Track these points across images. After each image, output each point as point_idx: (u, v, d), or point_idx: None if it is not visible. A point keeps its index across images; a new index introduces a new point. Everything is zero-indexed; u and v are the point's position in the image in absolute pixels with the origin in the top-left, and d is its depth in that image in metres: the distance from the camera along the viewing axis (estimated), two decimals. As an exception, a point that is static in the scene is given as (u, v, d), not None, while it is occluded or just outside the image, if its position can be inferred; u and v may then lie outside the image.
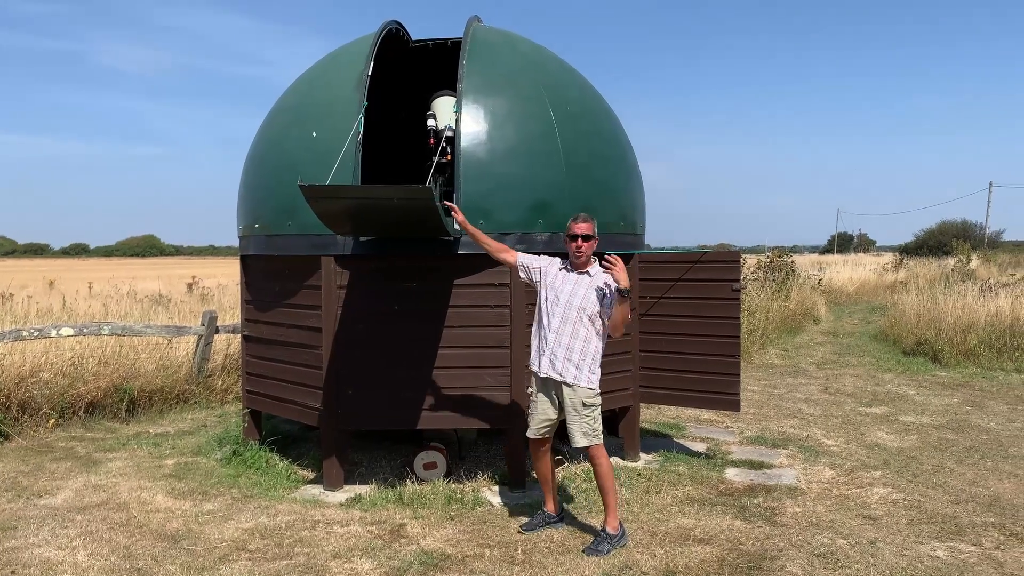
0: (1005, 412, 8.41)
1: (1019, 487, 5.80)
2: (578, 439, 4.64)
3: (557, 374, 4.63)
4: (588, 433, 4.64)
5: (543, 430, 4.80)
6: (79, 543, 4.67)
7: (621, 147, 6.42)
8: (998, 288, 15.14)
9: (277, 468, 6.17)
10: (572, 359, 4.60)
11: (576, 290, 4.64)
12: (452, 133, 5.55)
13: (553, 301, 4.66)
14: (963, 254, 30.24)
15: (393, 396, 5.63)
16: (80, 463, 6.42)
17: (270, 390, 6.22)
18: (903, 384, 10.19)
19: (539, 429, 4.80)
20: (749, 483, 5.90)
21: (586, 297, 4.61)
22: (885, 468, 6.29)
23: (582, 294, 4.62)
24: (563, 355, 4.61)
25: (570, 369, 4.61)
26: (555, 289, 4.68)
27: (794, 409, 8.64)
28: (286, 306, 5.98)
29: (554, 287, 4.69)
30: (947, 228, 59.16)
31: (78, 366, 8.17)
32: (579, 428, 4.63)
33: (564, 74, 6.37)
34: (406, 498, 5.45)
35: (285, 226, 5.71)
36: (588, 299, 4.60)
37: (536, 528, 4.86)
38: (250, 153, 6.39)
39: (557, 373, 4.63)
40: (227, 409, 8.58)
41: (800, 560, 4.47)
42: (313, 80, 6.20)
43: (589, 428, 4.65)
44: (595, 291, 4.60)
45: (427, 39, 6.42)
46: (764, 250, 31.35)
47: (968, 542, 4.74)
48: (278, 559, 4.47)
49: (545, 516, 4.93)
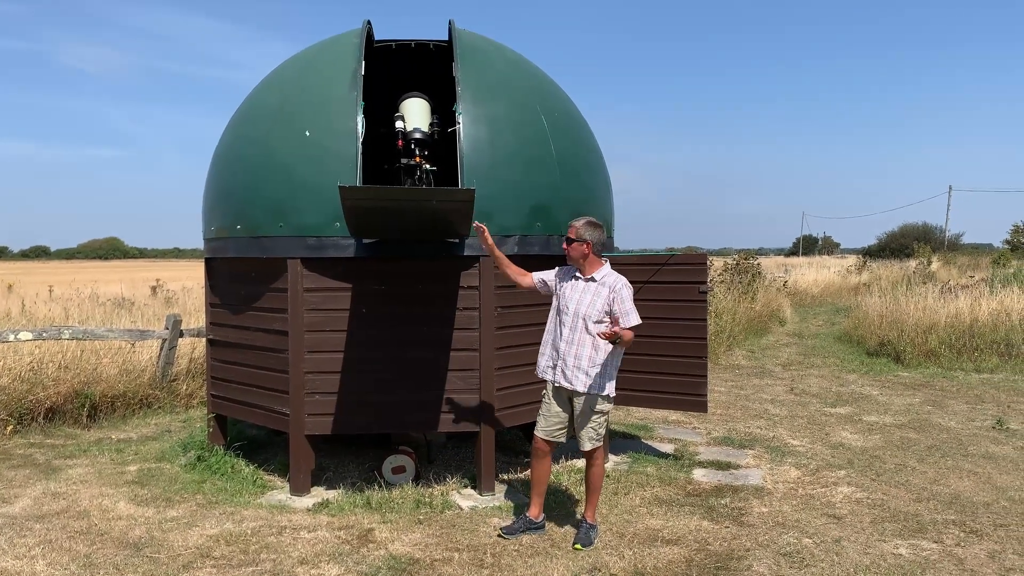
0: (965, 411, 8.58)
1: (978, 485, 5.91)
2: (585, 443, 4.72)
3: (568, 383, 4.65)
4: (594, 438, 4.71)
5: (556, 432, 4.80)
6: (38, 552, 4.56)
7: (598, 154, 6.59)
8: (958, 290, 15.47)
9: (243, 473, 6.08)
10: (581, 367, 4.62)
11: (583, 297, 4.66)
12: (421, 135, 5.53)
13: (563, 310, 4.71)
14: (924, 256, 30.87)
15: (361, 400, 5.58)
16: (39, 470, 6.28)
17: (235, 395, 6.14)
18: (866, 384, 10.35)
19: (551, 431, 4.80)
20: (716, 483, 5.95)
21: (591, 304, 4.62)
22: (849, 467, 6.38)
23: (588, 301, 4.64)
24: (572, 363, 4.63)
25: (580, 377, 4.62)
26: (565, 298, 4.73)
27: (760, 410, 8.74)
28: (252, 309, 5.90)
29: (564, 295, 4.74)
30: (909, 231, 60.32)
31: (37, 371, 8.00)
32: (587, 433, 4.70)
33: (547, 82, 6.45)
34: (374, 503, 5.41)
35: (276, 227, 5.53)
36: (593, 306, 4.62)
37: (517, 532, 4.83)
38: (224, 153, 6.15)
39: (568, 382, 4.65)
40: (192, 414, 8.45)
41: (767, 560, 4.51)
42: (296, 78, 5.99)
43: (595, 433, 4.71)
44: (601, 298, 4.62)
45: (389, 40, 6.38)
46: (731, 252, 31.70)
47: (930, 539, 4.83)
48: (244, 566, 4.40)
49: (527, 521, 4.89)
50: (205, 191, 6.35)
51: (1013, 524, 5.07)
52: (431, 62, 6.72)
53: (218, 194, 6.13)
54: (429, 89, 6.08)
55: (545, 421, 4.81)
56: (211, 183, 6.25)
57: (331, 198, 4.92)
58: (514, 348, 5.73)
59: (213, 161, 6.30)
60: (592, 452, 4.75)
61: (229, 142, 6.17)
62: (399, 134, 5.57)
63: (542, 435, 4.81)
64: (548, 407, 4.81)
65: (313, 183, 5.36)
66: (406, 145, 5.53)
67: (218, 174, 6.16)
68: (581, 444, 4.75)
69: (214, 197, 6.18)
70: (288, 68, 6.25)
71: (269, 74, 6.42)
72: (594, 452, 4.75)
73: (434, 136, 5.66)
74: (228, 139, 6.21)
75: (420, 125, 5.56)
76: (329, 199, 5.09)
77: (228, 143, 6.17)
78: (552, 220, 5.76)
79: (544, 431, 4.81)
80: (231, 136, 6.19)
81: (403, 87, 6.10)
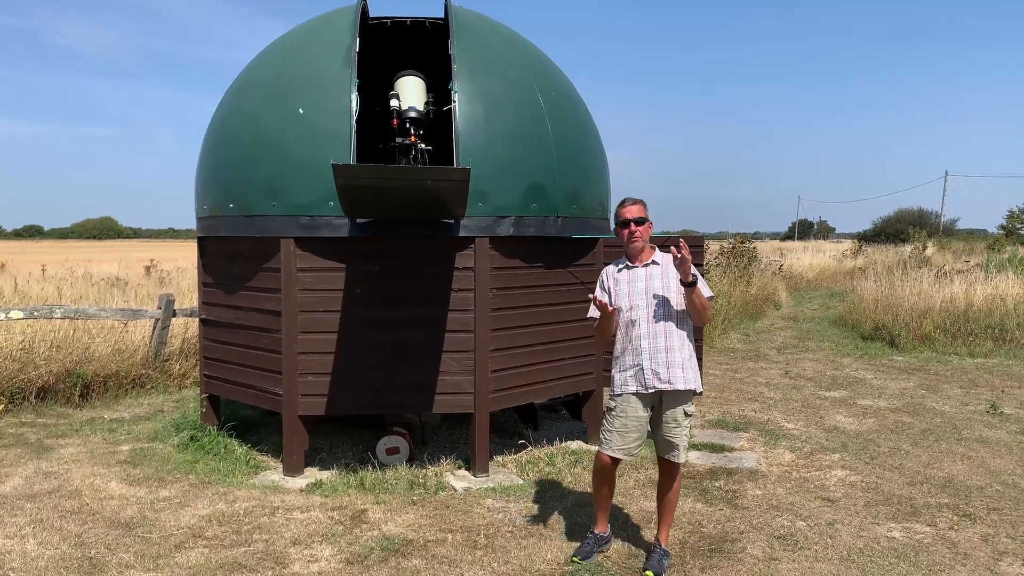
0: (959, 396, 8.60)
1: (972, 469, 5.92)
2: (680, 453, 4.10)
3: (667, 383, 4.01)
4: (686, 446, 4.09)
5: (635, 448, 4.14)
6: (28, 532, 4.54)
7: (595, 134, 6.53)
8: (953, 275, 15.47)
9: (236, 454, 6.06)
10: (676, 360, 4.02)
11: (651, 284, 4.10)
12: (416, 114, 5.46)
13: (635, 307, 4.08)
14: (919, 241, 30.89)
15: (355, 380, 5.55)
16: (30, 449, 6.24)
17: (229, 375, 6.10)
18: (861, 368, 10.36)
19: (631, 448, 4.13)
20: (711, 466, 5.95)
21: (666, 288, 4.07)
22: (843, 451, 6.38)
23: (660, 285, 4.09)
24: (666, 359, 4.01)
25: (677, 373, 4.01)
26: (627, 296, 4.12)
27: (755, 393, 8.74)
28: (245, 289, 5.85)
29: (624, 294, 4.14)
30: (904, 216, 60.37)
31: (29, 350, 7.94)
32: (682, 441, 4.08)
33: (543, 60, 6.38)
34: (368, 483, 5.39)
35: (269, 206, 5.45)
36: (669, 289, 4.07)
37: (592, 554, 4.24)
38: (216, 129, 6.07)
39: (666, 382, 4.01)
40: (185, 394, 8.42)
41: (760, 542, 4.51)
42: (290, 55, 5.91)
43: (687, 440, 4.12)
44: (672, 278, 4.06)
45: (384, 16, 6.29)
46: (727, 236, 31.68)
47: (923, 523, 4.83)
48: (236, 546, 4.39)
49: (597, 538, 4.32)
50: (198, 169, 6.27)
51: (1006, 508, 5.08)
52: (427, 40, 6.63)
53: (211, 171, 6.04)
54: (425, 67, 6.00)
55: (622, 439, 4.09)
56: (204, 160, 6.16)
57: (325, 177, 4.84)
58: (510, 330, 5.69)
59: (206, 138, 6.22)
60: (678, 465, 4.15)
61: (222, 118, 6.08)
62: (394, 112, 5.50)
63: (622, 455, 4.13)
64: (624, 421, 4.08)
65: (306, 161, 5.29)
66: (401, 124, 5.47)
67: (211, 151, 6.07)
68: (675, 455, 4.09)
69: (207, 175, 6.10)
70: (282, 44, 6.16)
71: (263, 50, 6.33)
72: (680, 468, 4.18)
73: (429, 115, 5.60)
74: (221, 115, 6.12)
75: (415, 104, 5.49)
76: (323, 178, 5.02)
77: (221, 119, 6.09)
78: (548, 201, 5.71)
79: (623, 450, 4.10)
80: (224, 112, 6.10)
81: (398, 65, 6.02)
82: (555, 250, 5.89)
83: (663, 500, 4.22)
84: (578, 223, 5.97)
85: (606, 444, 4.14)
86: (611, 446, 4.12)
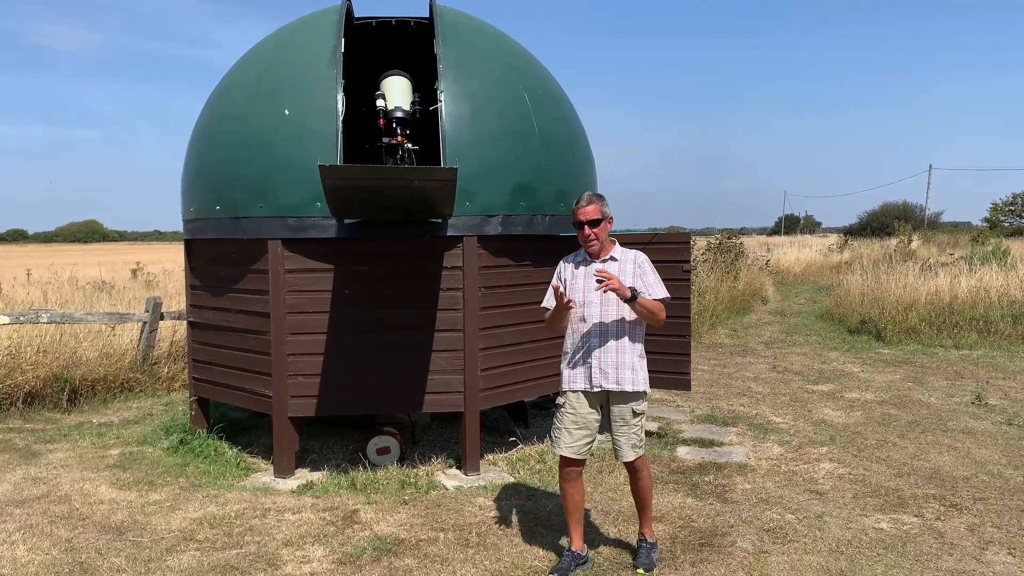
0: (944, 387, 8.68)
1: (958, 460, 5.99)
2: (627, 452, 4.04)
3: (614, 383, 3.97)
4: (638, 444, 4.05)
5: (584, 448, 4.07)
6: (18, 537, 4.52)
7: (581, 131, 6.55)
8: (937, 268, 15.61)
9: (226, 456, 6.05)
10: (625, 361, 3.97)
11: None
12: (402, 114, 5.46)
13: (587, 304, 4.00)
14: (904, 235, 31.07)
15: (345, 381, 5.55)
16: (19, 455, 6.21)
17: (218, 377, 6.08)
18: (848, 362, 10.44)
19: (579, 447, 4.05)
20: (700, 461, 5.99)
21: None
22: (831, 444, 6.44)
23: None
24: (615, 359, 3.96)
25: (626, 374, 3.97)
26: (582, 291, 4.02)
27: (743, 388, 8.79)
28: (233, 291, 5.84)
29: (579, 289, 4.04)
30: (889, 210, 60.80)
31: (15, 355, 7.90)
32: (628, 440, 4.03)
33: (529, 59, 6.39)
34: (359, 484, 5.40)
35: (256, 207, 5.44)
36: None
37: (568, 573, 4.08)
38: (202, 131, 6.05)
39: (613, 383, 3.97)
40: (174, 397, 8.39)
41: (750, 536, 4.55)
42: (275, 55, 5.88)
43: (638, 439, 4.06)
44: (627, 276, 3.97)
45: (369, 16, 6.28)
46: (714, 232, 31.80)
47: (910, 514, 4.88)
48: (228, 548, 4.38)
49: (574, 555, 4.13)
50: (184, 171, 6.25)
51: (992, 498, 5.14)
52: (412, 40, 6.63)
53: (197, 173, 6.02)
54: (411, 67, 6.00)
55: (570, 436, 4.04)
56: (190, 162, 6.14)
57: (311, 178, 4.85)
58: (498, 328, 5.71)
59: (192, 140, 6.20)
60: (636, 462, 4.09)
61: (208, 120, 6.06)
62: (380, 112, 5.50)
63: (570, 453, 4.04)
64: (571, 418, 4.04)
65: (293, 162, 5.29)
66: (387, 124, 5.46)
67: (197, 153, 6.05)
68: (622, 455, 4.06)
69: (193, 177, 6.08)
70: (267, 45, 6.14)
71: (248, 51, 6.32)
72: (639, 462, 4.10)
73: (416, 115, 5.60)
74: (207, 117, 6.10)
75: (401, 104, 5.49)
76: (310, 179, 5.02)
77: (207, 121, 6.07)
78: (536, 199, 5.73)
79: (571, 448, 4.04)
80: (210, 114, 6.08)
81: (384, 65, 6.02)
82: (543, 248, 5.90)
83: (635, 497, 4.24)
84: (566, 221, 5.99)
85: (557, 442, 4.10)
86: (561, 443, 4.07)
